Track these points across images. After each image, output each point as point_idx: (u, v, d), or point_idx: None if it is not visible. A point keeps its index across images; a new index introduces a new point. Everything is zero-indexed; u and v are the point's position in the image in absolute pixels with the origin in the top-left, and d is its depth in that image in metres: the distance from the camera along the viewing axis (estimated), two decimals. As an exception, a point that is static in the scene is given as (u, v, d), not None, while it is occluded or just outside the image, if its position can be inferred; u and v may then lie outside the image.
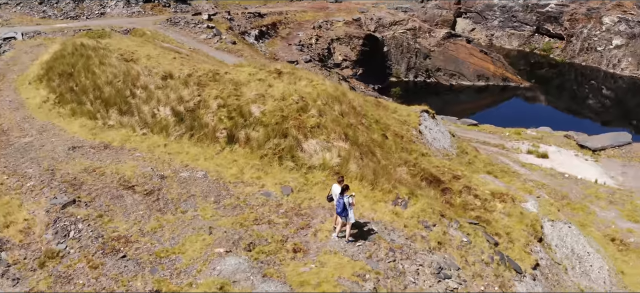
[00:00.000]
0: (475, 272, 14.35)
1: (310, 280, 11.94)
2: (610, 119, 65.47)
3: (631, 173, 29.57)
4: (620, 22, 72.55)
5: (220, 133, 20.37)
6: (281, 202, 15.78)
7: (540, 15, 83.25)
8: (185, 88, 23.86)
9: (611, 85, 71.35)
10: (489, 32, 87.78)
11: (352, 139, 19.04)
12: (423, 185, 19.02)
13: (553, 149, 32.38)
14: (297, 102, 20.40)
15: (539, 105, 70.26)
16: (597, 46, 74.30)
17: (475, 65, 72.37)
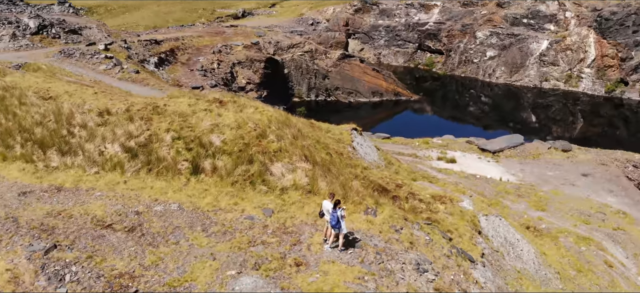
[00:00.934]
0: (443, 265, 16.68)
1: (322, 287, 13.38)
2: (489, 123, 73.48)
3: (528, 170, 34.47)
4: (492, 36, 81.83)
5: (182, 165, 20.92)
6: (266, 223, 16.96)
7: (421, 33, 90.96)
8: (130, 123, 23.87)
9: (488, 93, 79.97)
10: (377, 51, 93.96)
11: (312, 160, 20.68)
12: (375, 195, 21.15)
13: (459, 154, 36.55)
14: (255, 129, 21.60)
15: (427, 115, 76.82)
16: (474, 58, 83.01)
17: (369, 83, 77.31)
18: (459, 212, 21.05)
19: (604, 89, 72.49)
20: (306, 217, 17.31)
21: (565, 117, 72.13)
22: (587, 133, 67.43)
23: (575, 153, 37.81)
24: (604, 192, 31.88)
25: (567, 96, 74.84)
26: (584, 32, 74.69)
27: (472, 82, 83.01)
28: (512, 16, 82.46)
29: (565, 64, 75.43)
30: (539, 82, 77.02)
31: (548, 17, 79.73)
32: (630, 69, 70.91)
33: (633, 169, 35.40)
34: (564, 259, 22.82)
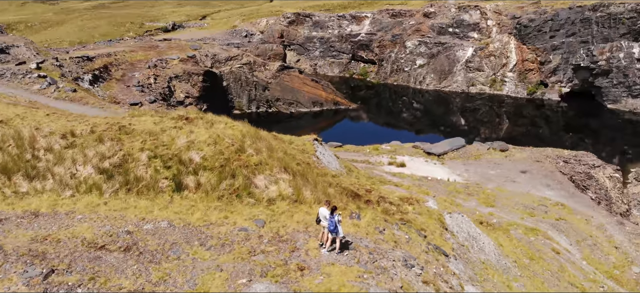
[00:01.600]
0: (425, 260, 18.23)
1: (330, 287, 14.43)
2: (421, 128, 77.28)
3: (472, 170, 37.17)
4: (420, 45, 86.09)
5: (162, 183, 21.19)
6: (260, 233, 17.73)
7: (354, 44, 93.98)
8: (100, 144, 23.71)
9: (420, 99, 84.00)
10: (313, 62, 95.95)
11: (291, 171, 21.66)
12: (349, 200, 22.46)
13: (407, 159, 38.73)
14: (233, 144, 22.27)
15: (364, 123, 79.56)
16: (404, 67, 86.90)
17: (309, 93, 78.95)
18: (426, 211, 22.80)
19: (526, 91, 78.42)
20: (297, 225, 18.27)
21: (492, 119, 77.26)
22: (513, 133, 72.50)
23: (512, 153, 41.22)
24: (542, 186, 35.14)
25: (493, 99, 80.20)
26: (505, 38, 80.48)
27: (404, 89, 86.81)
28: (438, 26, 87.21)
29: (490, 69, 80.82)
30: (466, 87, 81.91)
31: (471, 26, 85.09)
32: (549, 72, 77.27)
33: (564, 164, 39.16)
34: (517, 249, 25.19)
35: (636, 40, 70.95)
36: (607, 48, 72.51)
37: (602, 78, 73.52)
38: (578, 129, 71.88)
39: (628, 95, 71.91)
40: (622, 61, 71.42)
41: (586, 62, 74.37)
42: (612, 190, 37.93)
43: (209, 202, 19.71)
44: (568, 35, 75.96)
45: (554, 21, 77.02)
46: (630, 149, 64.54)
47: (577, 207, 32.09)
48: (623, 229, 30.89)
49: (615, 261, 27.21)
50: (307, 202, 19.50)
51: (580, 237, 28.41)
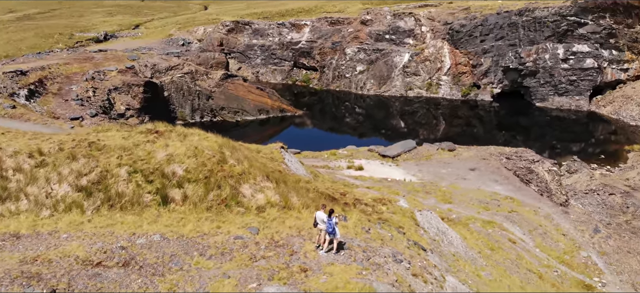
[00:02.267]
0: (410, 254, 19.58)
1: (337, 285, 15.37)
2: (364, 132, 79.66)
3: (425, 170, 39.27)
4: (359, 52, 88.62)
5: (146, 197, 21.28)
6: (256, 240, 18.36)
7: (295, 51, 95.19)
8: (73, 162, 23.36)
9: (362, 104, 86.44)
10: (255, 70, 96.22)
11: (273, 179, 22.40)
12: (328, 203, 23.49)
13: (364, 162, 40.29)
14: (214, 156, 22.69)
15: (311, 129, 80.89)
16: (346, 73, 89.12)
17: (254, 101, 79.24)
18: (399, 210, 24.25)
19: (461, 93, 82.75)
20: (289, 230, 19.07)
21: (430, 121, 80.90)
22: (449, 133, 76.27)
23: (459, 152, 43.85)
24: (490, 182, 37.77)
25: (430, 102, 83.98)
26: (439, 44, 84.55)
27: (346, 95, 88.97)
28: (375, 33, 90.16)
29: (426, 74, 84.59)
30: (405, 91, 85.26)
31: (407, 32, 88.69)
32: (481, 74, 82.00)
33: (506, 161, 42.18)
34: (479, 241, 27.21)
35: (560, 42, 76.92)
36: (533, 50, 78.08)
37: (530, 78, 79.03)
38: (510, 127, 76.83)
39: (554, 94, 77.76)
40: (547, 62, 77.16)
41: (515, 63, 79.65)
42: (551, 183, 41.33)
43: (198, 214, 20.07)
44: (497, 39, 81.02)
45: (484, 26, 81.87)
46: (559, 144, 69.83)
47: (525, 200, 34.88)
48: (568, 218, 33.95)
49: (565, 247, 29.95)
50: (296, 208, 20.34)
51: (531, 226, 31.00)
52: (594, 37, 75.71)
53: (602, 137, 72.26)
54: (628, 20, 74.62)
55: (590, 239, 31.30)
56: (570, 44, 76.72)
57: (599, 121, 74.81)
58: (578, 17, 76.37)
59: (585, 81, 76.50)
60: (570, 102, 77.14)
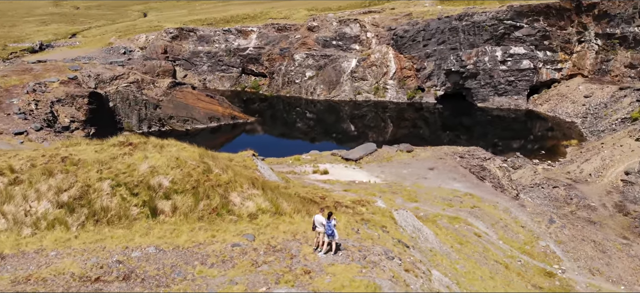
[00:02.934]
0: (398, 251, 20.58)
1: (343, 283, 16.05)
2: (315, 136, 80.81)
3: (387, 171, 40.64)
4: (308, 58, 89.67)
5: (133, 211, 21.10)
6: (254, 246, 18.71)
7: (243, 58, 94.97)
8: (50, 178, 22.73)
9: (312, 109, 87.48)
10: (201, 77, 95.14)
11: (259, 186, 22.79)
12: (311, 206, 24.15)
13: (329, 166, 41.17)
14: (199, 166, 22.79)
15: (262, 135, 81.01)
16: (295, 79, 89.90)
17: (205, 109, 78.44)
18: (379, 210, 25.26)
19: (406, 96, 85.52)
20: (285, 235, 19.55)
21: (378, 124, 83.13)
22: (397, 135, 78.69)
23: (417, 153, 45.65)
24: (449, 180, 39.63)
25: (378, 106, 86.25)
26: (384, 49, 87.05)
27: (296, 100, 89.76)
28: (323, 39, 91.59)
29: (373, 78, 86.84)
30: (353, 95, 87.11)
31: (353, 38, 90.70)
32: (425, 77, 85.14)
33: (460, 159, 44.35)
34: (448, 237, 28.70)
35: (498, 44, 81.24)
36: (473, 53, 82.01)
37: (471, 80, 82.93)
38: (454, 128, 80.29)
39: (494, 94, 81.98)
40: (487, 64, 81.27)
41: (456, 66, 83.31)
42: (503, 179, 43.89)
43: (191, 224, 20.17)
44: (439, 44, 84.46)
45: (426, 31, 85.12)
46: (500, 142, 73.73)
47: (483, 195, 36.93)
48: (525, 210, 36.28)
49: (524, 238, 32.05)
50: (287, 213, 20.84)
51: (493, 220, 32.94)
52: (530, 39, 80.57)
53: (540, 133, 76.93)
54: (560, 22, 79.99)
55: (547, 229, 33.69)
56: (508, 46, 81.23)
57: (536, 119, 79.61)
58: (514, 21, 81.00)
59: (523, 81, 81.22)
60: (509, 101, 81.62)
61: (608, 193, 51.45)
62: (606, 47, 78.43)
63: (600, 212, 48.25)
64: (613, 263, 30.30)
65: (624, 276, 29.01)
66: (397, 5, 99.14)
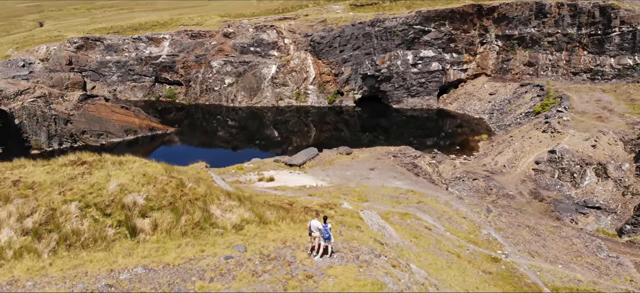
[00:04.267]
0: (380, 250, 21.49)
1: (348, 284, 16.61)
2: (238, 144, 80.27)
3: (332, 174, 41.55)
4: (226, 64, 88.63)
5: (108, 231, 20.12)
6: (249, 257, 18.62)
7: (155, 66, 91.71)
8: (7, 204, 21.00)
9: (234, 117, 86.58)
10: (111, 88, 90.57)
11: (235, 197, 22.62)
12: (283, 212, 24.41)
13: (273, 173, 41.22)
14: (171, 181, 22.17)
15: (182, 146, 78.80)
16: (214, 86, 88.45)
17: (120, 121, 74.88)
18: (347, 212, 26.04)
19: (327, 101, 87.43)
20: (275, 243, 19.66)
21: (302, 128, 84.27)
22: (320, 138, 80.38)
23: (356, 155, 47.07)
24: (390, 178, 41.38)
25: (300, 111, 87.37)
26: (303, 55, 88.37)
27: (217, 108, 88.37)
28: (240, 45, 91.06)
29: (294, 84, 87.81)
30: (276, 101, 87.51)
31: (271, 45, 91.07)
32: (343, 82, 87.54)
33: (394, 158, 46.48)
34: (404, 232, 30.16)
35: (409, 48, 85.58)
36: (387, 57, 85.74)
37: (386, 83, 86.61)
38: (372, 129, 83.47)
39: (408, 96, 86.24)
40: (400, 67, 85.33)
41: (371, 70, 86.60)
42: (433, 174, 46.65)
43: (175, 240, 19.64)
44: (354, 49, 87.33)
45: (341, 37, 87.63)
46: (415, 140, 77.74)
47: (424, 191, 39.05)
48: (463, 202, 38.87)
49: (468, 228, 34.40)
50: (272, 222, 20.95)
51: (438, 214, 35.00)
52: (437, 42, 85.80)
53: (451, 130, 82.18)
54: (464, 26, 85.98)
55: (486, 218, 36.45)
56: (418, 50, 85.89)
57: (447, 117, 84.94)
58: (422, 26, 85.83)
59: (433, 82, 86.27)
60: (422, 102, 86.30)
61: (523, 182, 56.42)
62: (506, 47, 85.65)
63: (518, 199, 52.82)
64: (548, 244, 33.54)
65: (559, 256, 32.27)
66: (310, 12, 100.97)
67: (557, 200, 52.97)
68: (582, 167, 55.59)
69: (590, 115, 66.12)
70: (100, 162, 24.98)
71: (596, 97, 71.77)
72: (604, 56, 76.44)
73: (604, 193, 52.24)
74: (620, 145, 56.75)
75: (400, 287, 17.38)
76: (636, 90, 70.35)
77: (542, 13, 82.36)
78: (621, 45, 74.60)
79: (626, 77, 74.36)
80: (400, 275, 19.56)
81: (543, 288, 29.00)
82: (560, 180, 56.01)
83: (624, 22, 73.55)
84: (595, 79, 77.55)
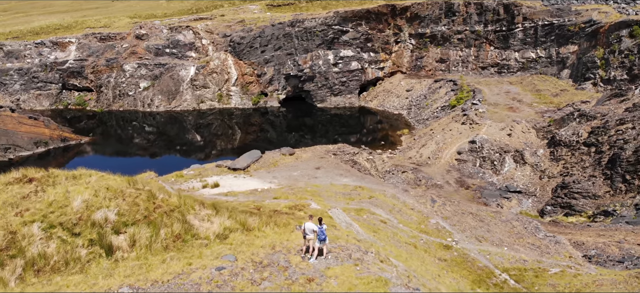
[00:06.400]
0: (366, 247, 21.68)
1: (352, 283, 16.61)
2: (156, 151, 77.03)
3: (279, 175, 41.01)
4: (140, 67, 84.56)
5: (80, 252, 18.51)
6: (242, 266, 17.93)
7: (62, 72, 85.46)
8: (-47, 229, 18.70)
9: (152, 122, 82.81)
10: (14, 97, 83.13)
11: (208, 205, 21.72)
12: (277, 217, 23.87)
13: (217, 178, 39.85)
14: (141, 193, 20.84)
15: (98, 157, 74.07)
16: (128, 91, 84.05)
17: (29, 133, 69.00)
18: (317, 212, 25.97)
19: (251, 102, 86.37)
20: (263, 249, 19.11)
21: (226, 131, 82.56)
22: (246, 140, 79.32)
23: (299, 155, 46.86)
24: (337, 176, 41.73)
25: (223, 113, 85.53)
26: (223, 56, 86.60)
27: (132, 114, 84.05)
28: (154, 47, 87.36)
29: (215, 86, 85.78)
30: (197, 104, 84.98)
31: (188, 46, 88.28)
32: (267, 82, 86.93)
33: (334, 156, 47.01)
34: (364, 227, 30.67)
35: (329, 48, 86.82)
36: (308, 57, 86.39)
37: (309, 83, 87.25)
38: (298, 128, 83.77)
39: (331, 95, 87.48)
40: (322, 67, 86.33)
41: (294, 71, 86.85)
42: (371, 169, 47.80)
43: (157, 255, 18.51)
44: (276, 49, 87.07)
45: (262, 37, 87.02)
46: (340, 137, 79.06)
47: (371, 186, 39.86)
48: (409, 194, 40.16)
49: (417, 219, 35.61)
50: (255, 228, 20.38)
51: (389, 207, 35.90)
52: (355, 42, 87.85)
53: (372, 126, 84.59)
54: (379, 25, 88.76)
55: (432, 209, 37.96)
56: (338, 50, 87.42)
57: (368, 114, 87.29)
58: (341, 26, 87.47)
59: (353, 81, 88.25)
60: (344, 100, 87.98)
61: (448, 172, 59.45)
62: (419, 45, 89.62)
63: (446, 188, 55.58)
64: (492, 229, 35.66)
65: (503, 239, 34.43)
66: (226, 12, 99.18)
67: (482, 187, 56.45)
68: (501, 155, 59.67)
69: (503, 106, 71.13)
70: (50, 178, 23.03)
71: (505, 89, 77.34)
72: (509, 51, 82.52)
73: (523, 178, 56.51)
74: (533, 133, 61.67)
75: (402, 282, 17.70)
76: (540, 81, 76.73)
77: (451, 12, 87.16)
78: (524, 40, 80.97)
79: (530, 70, 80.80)
80: (389, 269, 19.90)
81: (494, 270, 30.79)
82: (482, 168, 59.72)
83: (526, 19, 79.90)
84: (502, 73, 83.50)
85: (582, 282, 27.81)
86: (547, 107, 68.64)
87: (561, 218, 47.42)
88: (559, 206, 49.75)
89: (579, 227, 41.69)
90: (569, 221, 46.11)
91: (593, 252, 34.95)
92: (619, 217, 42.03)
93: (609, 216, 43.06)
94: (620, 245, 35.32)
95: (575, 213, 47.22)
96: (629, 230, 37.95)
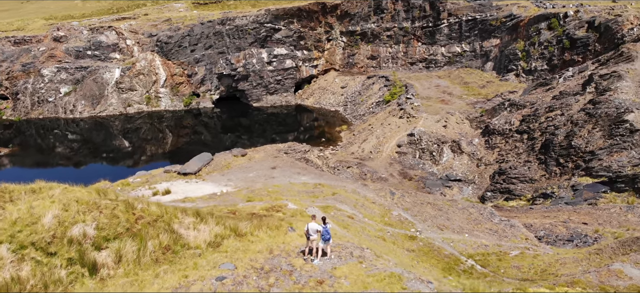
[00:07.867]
0: (357, 242, 21.33)
1: (364, 281, 16.22)
2: (81, 159, 72.36)
3: (234, 177, 39.52)
4: (60, 71, 78.90)
5: (59, 273, 16.69)
6: (244, 274, 16.91)
7: (-31, 78, 77.96)
8: None
9: (75, 129, 77.48)
10: None
11: (190, 213, 20.41)
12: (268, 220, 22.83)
13: (167, 185, 37.72)
14: (118, 205, 19.16)
15: (16, 169, 68.35)
16: (48, 97, 78.15)
17: None
18: (296, 212, 25.30)
19: (183, 103, 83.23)
20: (262, 254, 18.19)
21: (156, 135, 79.00)
22: (178, 144, 76.50)
23: (251, 155, 45.49)
24: (295, 174, 40.97)
25: (153, 116, 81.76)
26: (150, 56, 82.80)
27: (53, 122, 78.26)
28: (74, 49, 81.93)
29: (142, 88, 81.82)
30: (124, 108, 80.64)
31: (111, 47, 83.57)
32: (198, 83, 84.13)
33: (286, 155, 46.23)
34: (334, 224, 30.37)
35: (263, 46, 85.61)
36: (241, 56, 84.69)
37: (244, 82, 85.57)
38: (234, 129, 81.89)
39: (266, 93, 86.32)
40: (256, 66, 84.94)
41: (227, 70, 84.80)
42: (323, 166, 47.57)
43: (149, 270, 17.09)
44: (207, 48, 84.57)
45: (191, 36, 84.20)
46: (278, 136, 78.41)
47: (331, 183, 39.56)
48: (369, 189, 40.26)
49: (380, 212, 35.79)
50: (248, 233, 19.42)
51: (352, 202, 35.79)
52: (289, 40, 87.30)
53: (308, 124, 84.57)
54: (311, 23, 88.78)
55: (392, 201, 38.32)
56: (272, 48, 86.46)
57: (305, 111, 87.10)
58: (273, 24, 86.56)
59: (289, 79, 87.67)
60: (280, 99, 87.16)
61: (390, 165, 60.60)
62: (350, 42, 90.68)
63: (391, 181, 56.62)
64: (451, 217, 36.62)
65: (463, 226, 35.45)
66: (150, 11, 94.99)
67: (423, 177, 58.11)
68: (439, 146, 61.71)
69: (435, 99, 73.63)
70: (5, 194, 20.75)
71: (435, 83, 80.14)
72: (436, 46, 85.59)
73: (461, 167, 58.79)
74: (467, 123, 64.35)
75: (413, 276, 17.55)
76: (467, 75, 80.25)
77: (379, 9, 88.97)
78: (450, 35, 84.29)
79: (456, 63, 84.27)
80: (383, 262, 19.74)
81: (460, 257, 31.65)
82: (422, 159, 61.46)
83: (451, 14, 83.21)
84: (430, 67, 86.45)
85: (545, 262, 29.21)
86: (477, 99, 71.92)
87: (502, 203, 49.86)
88: (499, 191, 52.26)
89: (522, 211, 43.99)
90: (510, 205, 48.58)
91: (542, 233, 36.97)
92: (557, 199, 44.79)
93: (548, 198, 45.79)
94: (566, 224, 37.63)
95: (515, 197, 49.83)
96: (570, 210, 40.56)
